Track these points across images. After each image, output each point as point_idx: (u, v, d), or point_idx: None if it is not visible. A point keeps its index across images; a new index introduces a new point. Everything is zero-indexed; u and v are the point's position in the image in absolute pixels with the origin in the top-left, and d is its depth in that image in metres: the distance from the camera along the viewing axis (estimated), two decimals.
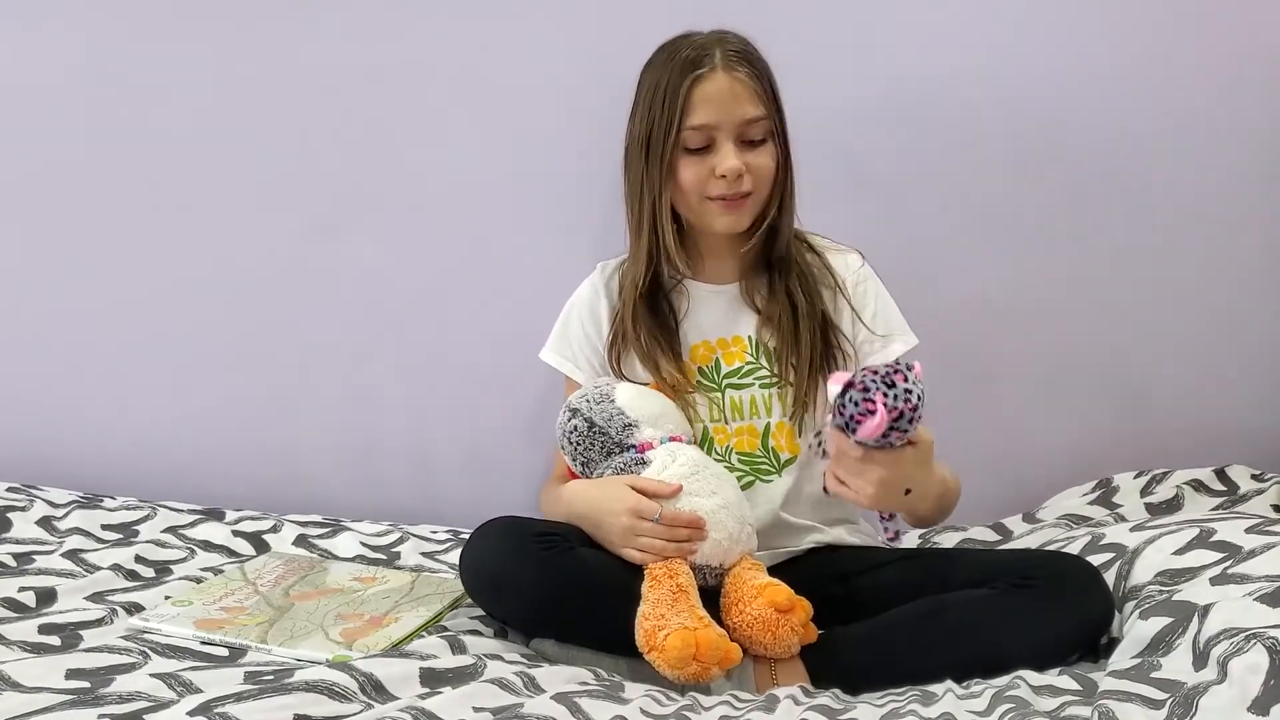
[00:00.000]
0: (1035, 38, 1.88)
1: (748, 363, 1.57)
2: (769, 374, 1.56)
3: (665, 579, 1.37)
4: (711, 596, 1.41)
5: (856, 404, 1.28)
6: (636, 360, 1.58)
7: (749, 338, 1.58)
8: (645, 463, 1.46)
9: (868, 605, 1.42)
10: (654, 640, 1.33)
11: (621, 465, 1.47)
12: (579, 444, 1.50)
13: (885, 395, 1.27)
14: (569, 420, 1.51)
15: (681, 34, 1.54)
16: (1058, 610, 1.34)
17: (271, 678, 1.22)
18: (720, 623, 1.38)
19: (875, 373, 1.29)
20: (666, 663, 1.31)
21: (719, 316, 1.59)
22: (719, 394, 1.56)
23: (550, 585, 1.36)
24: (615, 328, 1.60)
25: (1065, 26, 1.87)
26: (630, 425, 1.48)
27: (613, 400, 1.50)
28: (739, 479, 1.54)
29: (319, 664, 1.29)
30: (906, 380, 1.28)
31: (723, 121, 1.47)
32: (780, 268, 1.57)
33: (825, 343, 1.55)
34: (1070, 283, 1.92)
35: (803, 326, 1.54)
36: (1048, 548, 1.57)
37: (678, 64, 1.49)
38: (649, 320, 1.57)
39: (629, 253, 1.61)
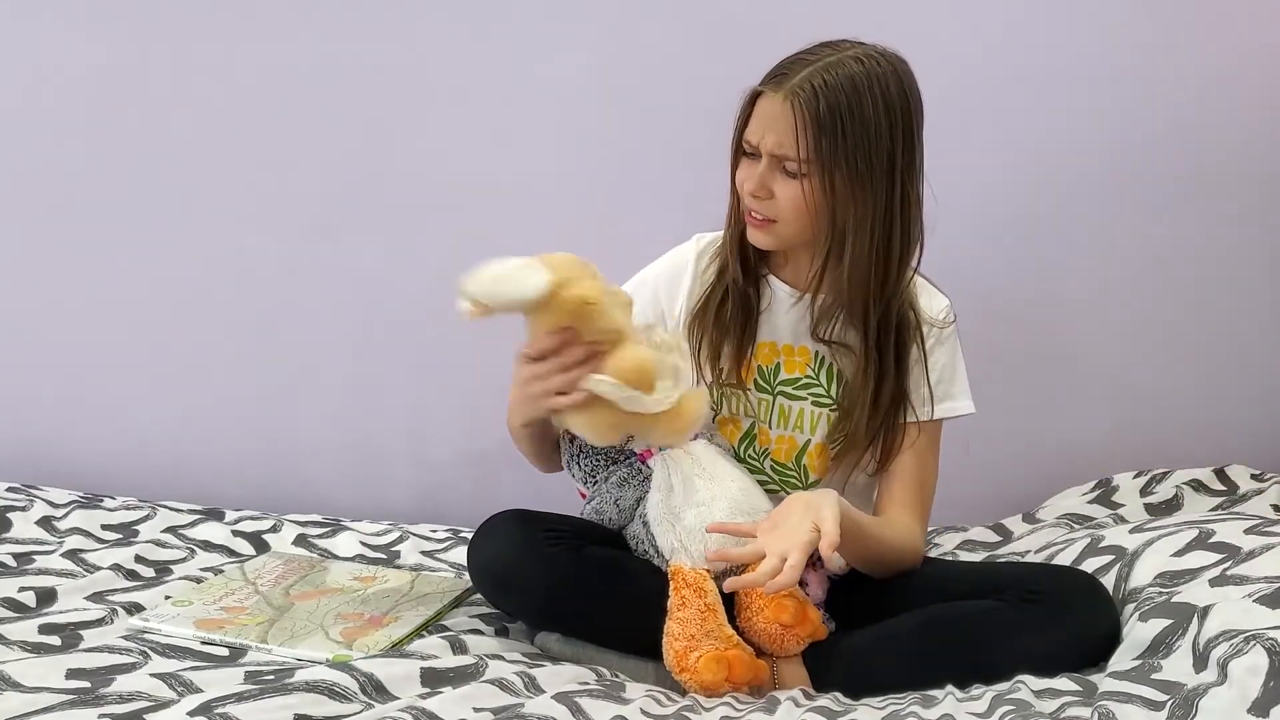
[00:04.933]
0: (1034, 36, 1.88)
1: (807, 376, 1.53)
2: (825, 394, 1.53)
3: (693, 598, 1.36)
4: (726, 595, 1.40)
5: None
6: (703, 344, 1.53)
7: (815, 352, 1.54)
8: (645, 474, 1.44)
9: (870, 611, 1.42)
10: (685, 662, 1.32)
11: (625, 476, 1.45)
12: (583, 463, 1.48)
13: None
14: (571, 443, 1.49)
15: (824, 42, 1.45)
16: (1062, 626, 1.33)
17: (272, 678, 1.22)
18: (732, 622, 1.38)
19: None
20: (699, 684, 1.31)
21: (793, 322, 1.54)
22: (770, 398, 1.53)
23: (558, 581, 1.36)
24: (697, 303, 1.54)
25: (1063, 25, 1.87)
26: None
27: None
28: (765, 487, 1.51)
29: (319, 664, 1.29)
30: None
31: (759, 144, 1.44)
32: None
33: (890, 394, 1.50)
34: (1070, 283, 1.92)
35: (874, 373, 1.49)
36: (1048, 549, 1.58)
37: (766, 73, 1.46)
38: (726, 307, 1.52)
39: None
